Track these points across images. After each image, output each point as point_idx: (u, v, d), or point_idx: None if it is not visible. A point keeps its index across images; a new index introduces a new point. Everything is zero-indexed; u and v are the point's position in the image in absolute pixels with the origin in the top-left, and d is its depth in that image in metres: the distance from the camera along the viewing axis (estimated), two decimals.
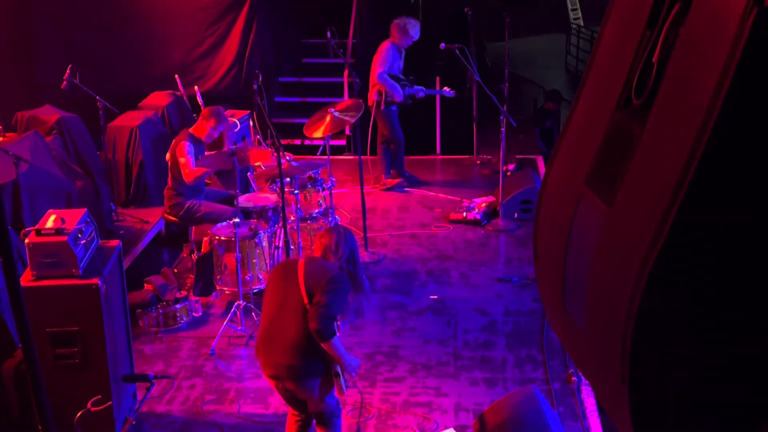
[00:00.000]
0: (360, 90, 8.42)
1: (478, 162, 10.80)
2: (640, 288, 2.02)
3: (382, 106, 9.32)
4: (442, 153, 11.28)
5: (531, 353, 6.32)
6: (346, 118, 7.51)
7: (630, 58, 2.47)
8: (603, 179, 2.44)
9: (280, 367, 4.55)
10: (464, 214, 8.87)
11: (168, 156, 7.24)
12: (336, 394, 4.68)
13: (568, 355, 6.04)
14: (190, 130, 7.24)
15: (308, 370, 4.52)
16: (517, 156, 10.48)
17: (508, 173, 9.48)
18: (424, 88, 9.65)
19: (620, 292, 2.13)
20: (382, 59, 9.30)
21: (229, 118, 8.18)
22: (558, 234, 2.71)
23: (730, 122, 1.95)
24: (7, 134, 7.81)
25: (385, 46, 9.36)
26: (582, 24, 22.86)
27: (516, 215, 8.81)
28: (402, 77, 9.46)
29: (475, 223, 8.78)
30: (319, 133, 7.51)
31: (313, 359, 4.50)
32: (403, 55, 9.54)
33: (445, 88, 10.05)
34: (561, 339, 3.05)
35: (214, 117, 7.21)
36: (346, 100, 8.40)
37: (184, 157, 7.01)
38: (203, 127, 7.22)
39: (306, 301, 4.47)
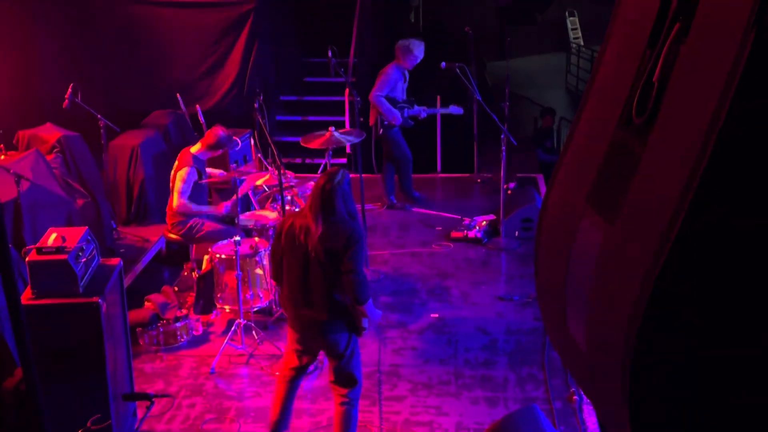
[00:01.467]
0: (361, 109, 8.43)
1: (479, 180, 10.81)
2: (641, 306, 2.02)
3: (380, 131, 9.31)
4: (443, 171, 11.29)
5: (532, 372, 6.30)
6: (345, 138, 7.50)
7: (631, 77, 2.48)
8: (604, 197, 2.45)
9: (309, 322, 4.99)
10: (465, 232, 8.87)
11: (172, 174, 7.25)
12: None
13: (570, 373, 6.02)
14: (193, 151, 7.24)
15: (336, 325, 4.94)
16: (517, 174, 10.48)
17: (509, 191, 9.48)
18: (426, 108, 9.61)
19: (621, 310, 2.13)
20: (382, 82, 9.30)
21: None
22: (559, 252, 2.71)
23: (731, 141, 1.95)
24: (8, 152, 7.81)
25: (387, 69, 9.36)
26: (582, 44, 22.95)
27: (517, 233, 8.80)
28: (402, 99, 9.42)
29: (475, 241, 8.78)
30: (315, 146, 7.49)
31: (339, 314, 4.93)
32: (407, 77, 9.50)
33: (452, 105, 9.92)
34: (562, 358, 3.05)
35: (217, 144, 7.27)
36: (349, 128, 8.46)
37: (182, 184, 7.03)
38: (206, 150, 7.27)
39: (324, 260, 4.82)
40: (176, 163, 7.25)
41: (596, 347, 2.41)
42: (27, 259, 4.95)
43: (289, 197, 7.40)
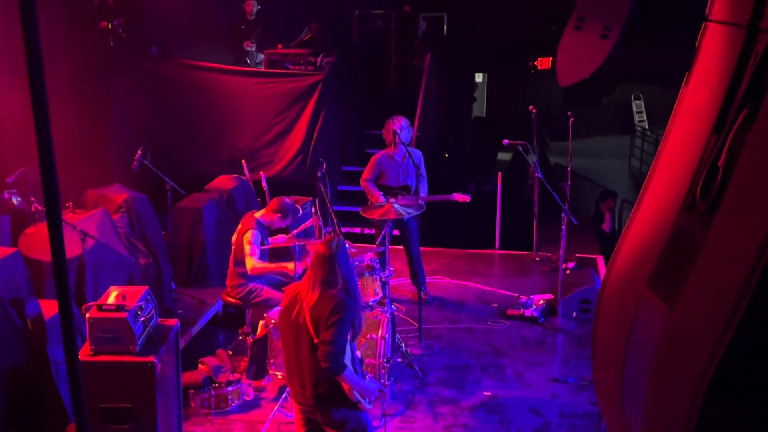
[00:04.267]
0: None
1: (537, 259, 10.73)
2: (701, 391, 1.97)
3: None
4: (501, 248, 11.25)
5: None
6: (404, 210, 7.53)
7: (695, 162, 2.46)
8: (665, 281, 2.41)
9: (307, 398, 4.84)
10: (521, 310, 8.78)
11: (234, 239, 7.35)
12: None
13: None
14: (257, 216, 7.35)
15: (331, 399, 4.79)
16: (576, 254, 10.40)
17: (568, 271, 9.39)
18: (424, 197, 8.68)
19: (681, 395, 2.08)
20: (367, 168, 8.81)
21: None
22: (617, 335, 2.66)
23: None
24: (76, 210, 8.00)
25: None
26: (647, 127, 22.88)
27: (574, 314, 8.68)
28: (397, 185, 8.73)
29: (532, 320, 8.68)
30: (375, 216, 7.52)
31: (334, 388, 4.77)
32: (406, 162, 8.70)
33: (455, 194, 8.79)
34: None
35: (281, 211, 7.35)
36: (409, 200, 8.43)
37: (250, 247, 7.12)
38: (271, 217, 7.36)
39: (314, 335, 4.72)
40: (239, 226, 7.35)
41: None
42: (87, 315, 5.03)
43: None
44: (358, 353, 5.17)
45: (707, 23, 2.79)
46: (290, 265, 7.13)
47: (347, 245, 7.53)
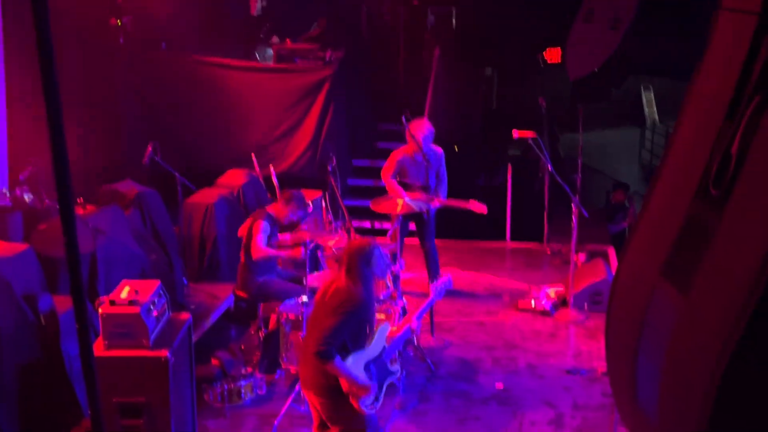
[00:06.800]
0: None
1: (548, 251, 10.72)
2: (717, 378, 1.97)
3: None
4: (512, 240, 11.23)
5: None
6: (414, 204, 7.53)
7: (708, 149, 2.45)
8: (679, 269, 2.41)
9: (304, 379, 4.94)
10: (533, 302, 8.78)
11: (243, 233, 7.35)
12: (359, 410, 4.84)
13: None
14: (268, 209, 7.35)
15: (324, 387, 4.82)
16: (587, 247, 10.37)
17: (579, 264, 9.37)
18: (441, 200, 8.55)
19: (697, 383, 2.08)
20: (387, 164, 8.69)
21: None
22: (632, 324, 2.66)
23: None
24: (88, 206, 8.03)
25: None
26: (657, 118, 22.80)
27: (586, 306, 8.67)
28: (417, 184, 8.59)
29: (543, 312, 8.67)
30: (385, 210, 7.51)
31: (329, 377, 4.77)
32: (424, 159, 8.55)
33: (471, 200, 8.52)
34: None
35: (294, 203, 7.32)
36: (426, 197, 8.41)
37: (259, 234, 7.12)
38: (283, 210, 7.33)
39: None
40: (249, 219, 7.35)
41: (669, 421, 2.35)
42: (100, 310, 5.05)
43: None
44: (394, 367, 5.17)
45: (719, 11, 2.78)
46: (296, 249, 7.13)
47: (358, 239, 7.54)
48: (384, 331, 5.07)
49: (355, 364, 4.80)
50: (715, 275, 2.19)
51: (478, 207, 8.47)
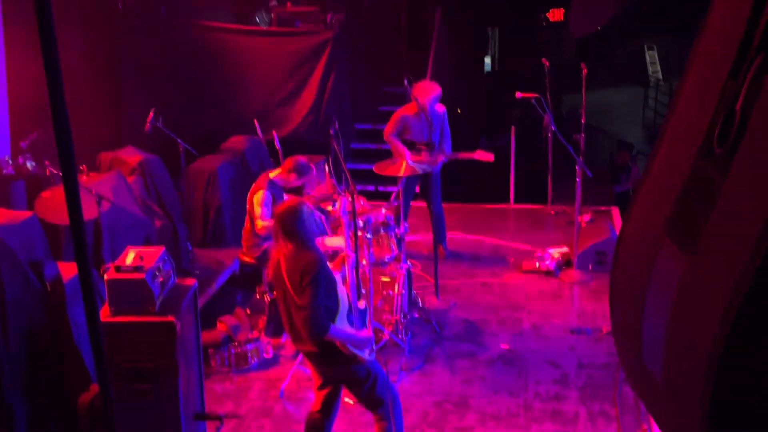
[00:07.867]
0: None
1: (552, 212, 10.72)
2: (721, 337, 1.97)
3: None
4: (516, 202, 11.23)
5: (603, 408, 6.18)
6: (418, 166, 7.51)
7: (712, 107, 2.43)
8: (683, 229, 2.40)
9: (306, 354, 4.98)
10: (537, 263, 8.79)
11: (248, 197, 7.35)
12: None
13: (644, 408, 5.89)
14: (272, 176, 7.31)
15: (328, 356, 4.83)
16: (592, 207, 10.37)
17: (583, 224, 9.37)
18: (447, 154, 8.61)
19: (700, 344, 2.08)
20: (390, 123, 8.72)
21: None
22: (636, 285, 2.66)
23: None
24: (90, 173, 8.03)
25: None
26: (661, 78, 22.67)
27: (590, 267, 8.68)
28: (420, 141, 8.60)
29: (547, 273, 8.69)
30: (388, 173, 7.50)
31: (328, 344, 4.77)
32: (429, 118, 8.50)
33: (478, 150, 8.71)
34: (636, 392, 2.98)
35: (296, 171, 7.27)
36: (432, 154, 8.40)
37: (260, 208, 7.07)
38: (287, 177, 7.29)
39: (296, 298, 4.69)
40: (253, 186, 7.34)
41: (674, 382, 2.36)
42: (105, 277, 5.06)
43: (361, 223, 7.41)
44: (361, 304, 5.20)
45: None
46: None
47: (362, 201, 7.55)
48: (337, 280, 5.00)
49: (340, 322, 4.80)
50: (719, 235, 2.19)
51: (485, 156, 8.53)
